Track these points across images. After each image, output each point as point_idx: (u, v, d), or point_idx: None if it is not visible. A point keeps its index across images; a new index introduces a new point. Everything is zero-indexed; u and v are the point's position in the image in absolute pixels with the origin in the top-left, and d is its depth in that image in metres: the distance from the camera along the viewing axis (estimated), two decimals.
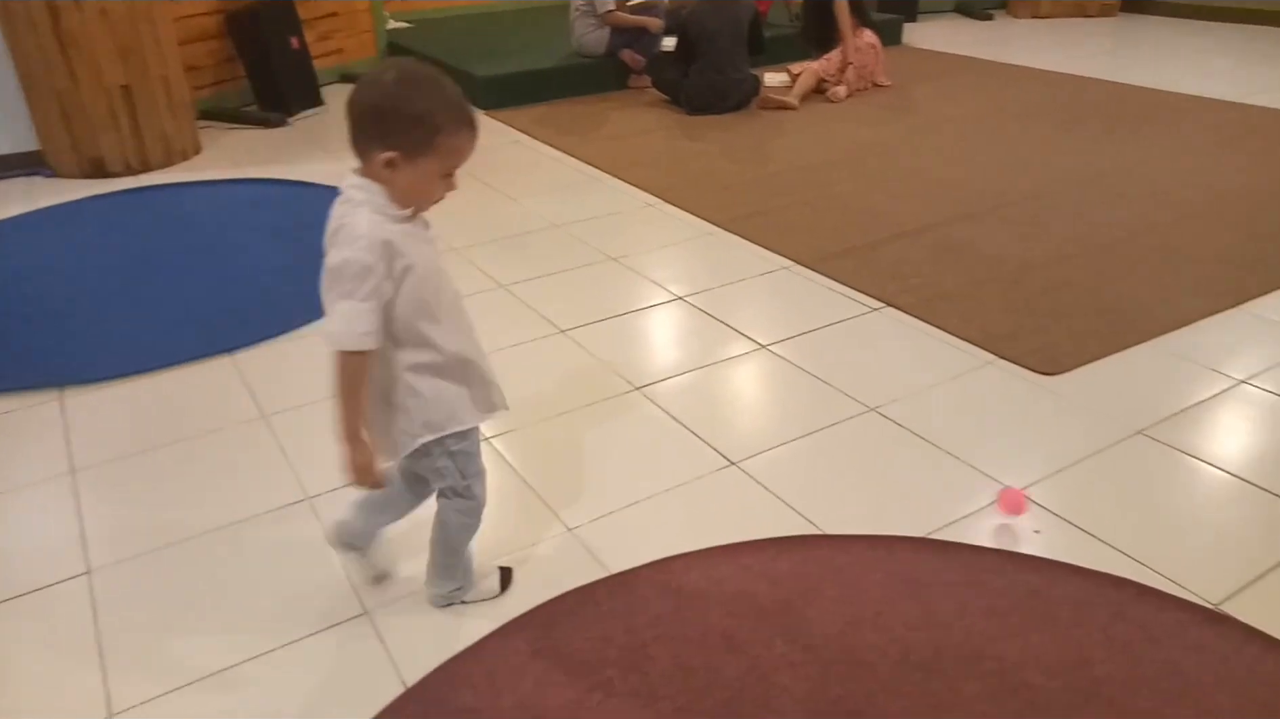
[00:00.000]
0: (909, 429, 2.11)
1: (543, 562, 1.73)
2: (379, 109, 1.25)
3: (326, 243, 1.30)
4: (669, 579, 1.65)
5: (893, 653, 1.46)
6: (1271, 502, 1.82)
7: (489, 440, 2.11)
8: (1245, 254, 2.91)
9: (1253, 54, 5.64)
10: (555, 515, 1.85)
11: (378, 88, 1.25)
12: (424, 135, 1.25)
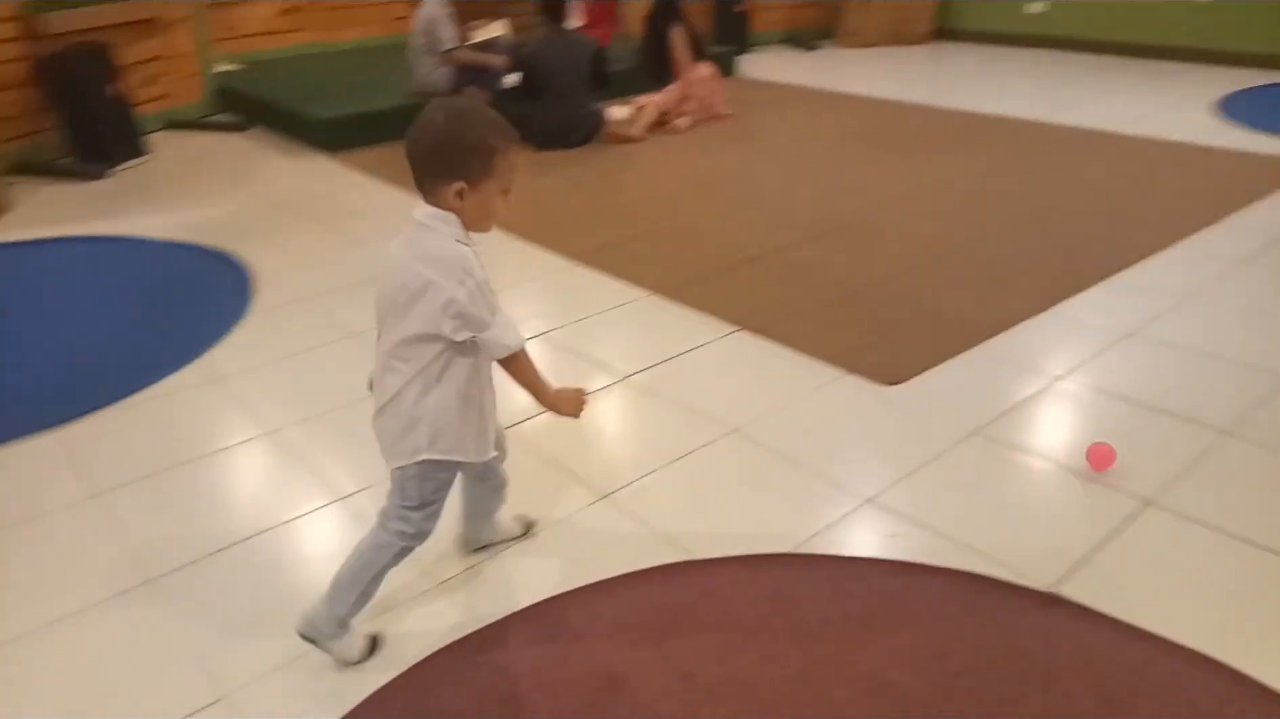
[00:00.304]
0: (769, 447, 2.19)
1: (414, 620, 1.69)
2: (440, 147, 1.39)
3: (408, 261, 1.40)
4: (546, 623, 1.64)
5: (769, 670, 1.51)
6: (1089, 487, 1.99)
7: (349, 498, 2.05)
8: (1053, 261, 3.19)
9: (1050, 77, 6.19)
10: (425, 572, 1.81)
11: (433, 129, 1.39)
12: (483, 160, 1.39)
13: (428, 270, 1.38)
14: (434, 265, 1.38)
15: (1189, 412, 2.25)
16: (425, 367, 1.44)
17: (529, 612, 1.67)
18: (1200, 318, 2.73)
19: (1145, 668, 1.48)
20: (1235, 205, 3.59)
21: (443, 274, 1.38)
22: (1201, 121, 4.89)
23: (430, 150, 1.39)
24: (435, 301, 1.38)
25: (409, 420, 1.47)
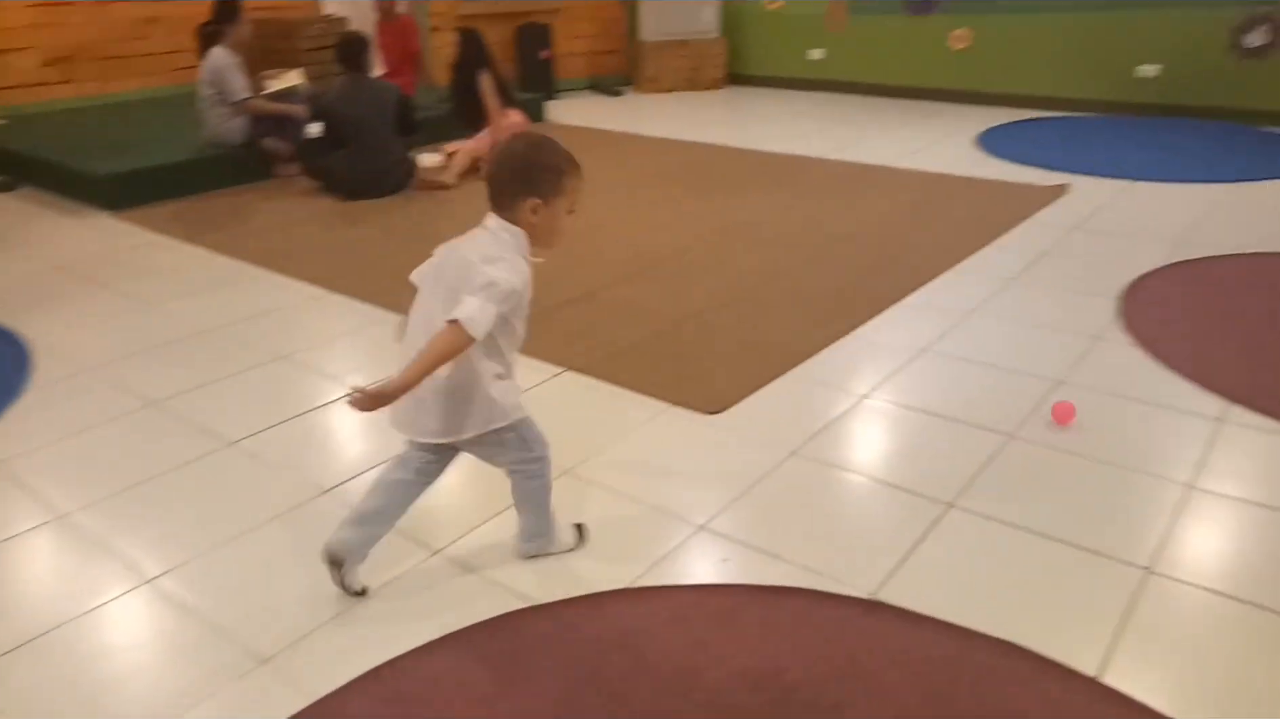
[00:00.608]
0: (601, 485, 2.21)
1: (241, 703, 1.58)
2: (520, 169, 1.67)
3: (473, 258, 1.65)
4: (384, 688, 1.58)
5: (613, 707, 1.51)
6: (895, 494, 2.15)
7: (155, 581, 1.90)
8: (850, 288, 3.42)
9: (833, 117, 6.68)
10: (249, 652, 1.70)
11: (515, 154, 1.69)
12: (555, 180, 1.68)
13: (488, 264, 1.64)
14: (495, 261, 1.65)
15: (977, 419, 2.46)
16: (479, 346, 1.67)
17: (366, 679, 1.60)
18: (980, 332, 3.01)
19: (960, 661, 1.60)
20: (1001, 229, 4.00)
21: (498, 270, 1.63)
22: (966, 155, 5.42)
23: (511, 172, 1.67)
24: (485, 279, 1.62)
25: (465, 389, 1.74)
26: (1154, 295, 3.22)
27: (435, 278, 1.72)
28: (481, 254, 1.67)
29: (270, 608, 1.81)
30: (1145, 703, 1.52)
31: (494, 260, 1.65)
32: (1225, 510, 2.05)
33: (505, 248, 1.68)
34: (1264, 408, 2.44)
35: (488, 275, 1.62)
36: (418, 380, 1.61)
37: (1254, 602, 1.76)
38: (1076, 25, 6.26)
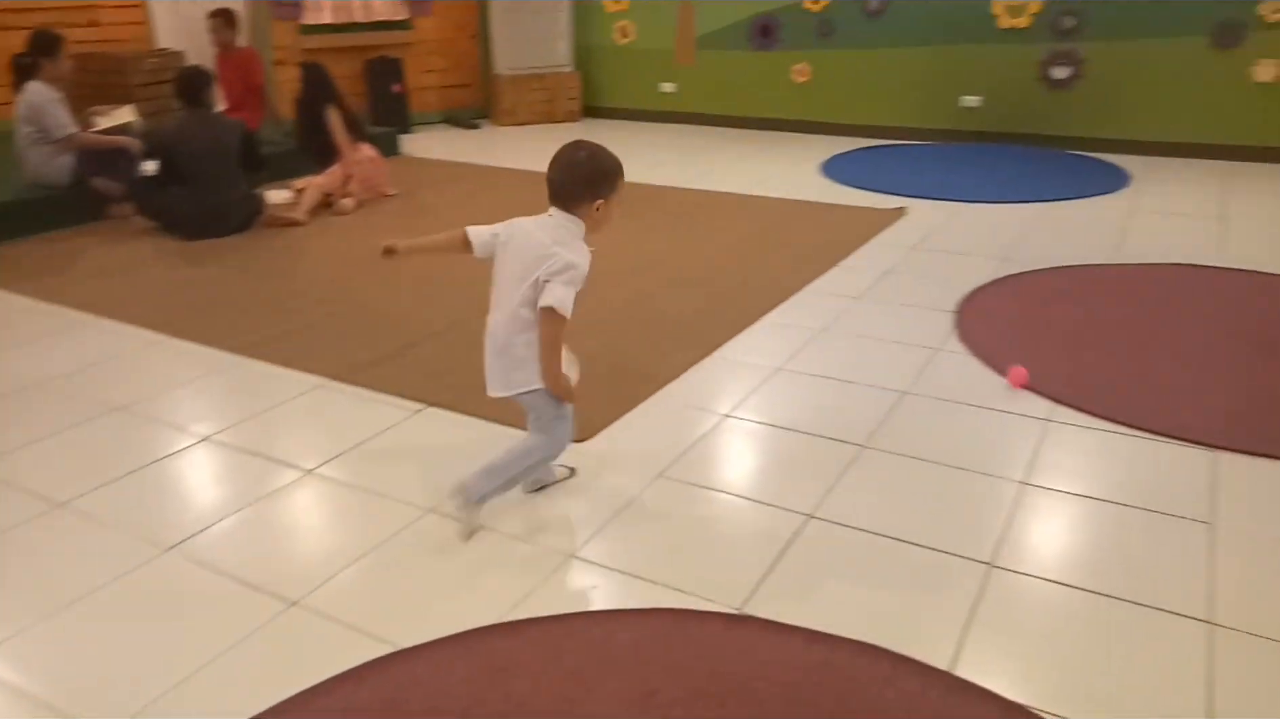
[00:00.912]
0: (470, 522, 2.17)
1: None
2: (588, 174, 2.00)
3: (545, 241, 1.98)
4: None
5: None
6: (759, 509, 2.21)
7: None
8: (710, 311, 3.52)
9: (688, 147, 6.87)
10: None
11: (579, 164, 2.02)
12: (614, 183, 2.03)
13: (562, 248, 1.97)
14: (568, 246, 1.98)
15: (832, 431, 2.57)
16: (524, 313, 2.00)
17: None
18: (831, 349, 3.15)
19: (825, 667, 1.66)
20: (847, 250, 4.21)
21: (571, 254, 1.97)
22: (812, 181, 5.68)
23: (578, 178, 2.00)
24: (561, 262, 1.95)
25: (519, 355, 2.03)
26: (984, 308, 3.45)
27: (508, 251, 2.07)
28: (552, 238, 1.99)
29: (111, 680, 1.69)
30: (994, 690, 1.61)
31: (564, 244, 1.98)
32: (1056, 504, 2.22)
33: (570, 234, 2.01)
34: (1084, 406, 2.65)
35: (565, 259, 1.96)
36: (555, 371, 2.03)
37: (1087, 588, 1.90)
38: (906, 60, 6.69)
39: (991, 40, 6.34)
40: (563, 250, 1.97)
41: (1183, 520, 2.12)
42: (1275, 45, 5.56)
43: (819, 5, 6.89)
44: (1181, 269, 3.85)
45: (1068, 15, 6.07)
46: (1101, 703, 1.60)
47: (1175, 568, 1.95)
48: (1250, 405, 2.63)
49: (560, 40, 7.82)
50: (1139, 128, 6.06)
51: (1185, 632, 1.76)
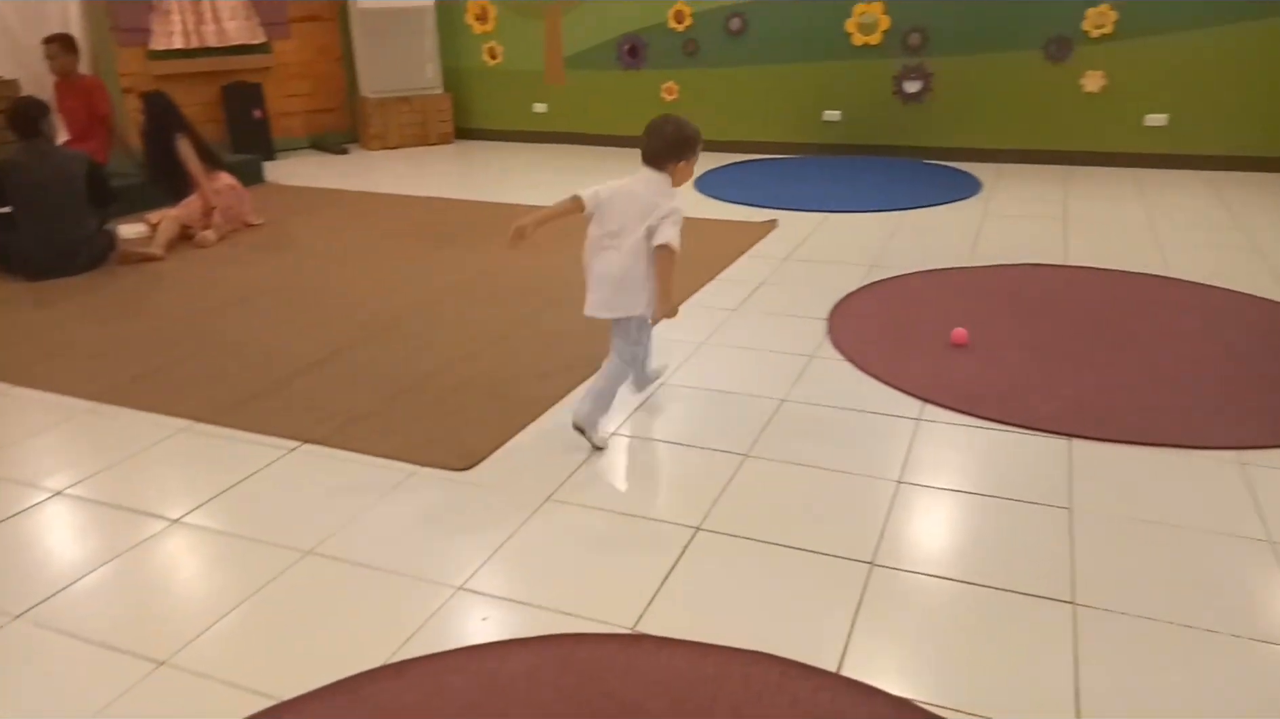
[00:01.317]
0: (349, 560, 2.10)
1: None
2: (676, 140, 2.51)
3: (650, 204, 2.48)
4: None
5: None
6: (648, 526, 2.22)
7: None
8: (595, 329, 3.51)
9: (563, 167, 6.88)
10: None
11: (667, 134, 2.52)
12: (694, 147, 2.54)
13: (665, 199, 2.49)
14: (668, 196, 2.51)
15: (715, 443, 2.61)
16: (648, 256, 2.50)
17: None
18: (711, 361, 3.20)
19: (717, 679, 1.67)
20: (724, 264, 4.30)
21: (673, 201, 2.50)
22: (686, 197, 5.77)
23: (667, 145, 2.51)
24: (667, 209, 2.47)
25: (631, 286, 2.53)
26: (855, 313, 3.59)
27: (608, 208, 2.58)
28: (654, 191, 2.52)
29: None
30: (881, 687, 1.66)
31: (664, 194, 2.51)
32: (930, 500, 2.31)
33: (664, 186, 2.53)
34: (950, 404, 2.78)
35: (670, 206, 2.49)
36: (670, 292, 2.52)
37: (962, 579, 1.99)
38: (770, 77, 6.91)
39: (848, 57, 6.62)
40: (664, 200, 2.50)
41: (1044, 507, 2.25)
42: (1099, 58, 6.02)
43: (683, 25, 7.04)
44: (1030, 268, 4.10)
45: (915, 32, 6.40)
46: (979, 688, 1.67)
47: (1040, 553, 2.07)
48: (1097, 394, 2.82)
49: (428, 62, 7.72)
50: (987, 137, 6.43)
51: (1052, 613, 1.87)
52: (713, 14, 6.93)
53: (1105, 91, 6.07)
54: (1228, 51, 5.73)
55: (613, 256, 2.56)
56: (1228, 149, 5.92)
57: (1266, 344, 3.17)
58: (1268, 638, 1.78)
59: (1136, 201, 5.29)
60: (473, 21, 7.76)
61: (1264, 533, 2.11)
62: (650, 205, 2.49)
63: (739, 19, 6.85)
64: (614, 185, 2.60)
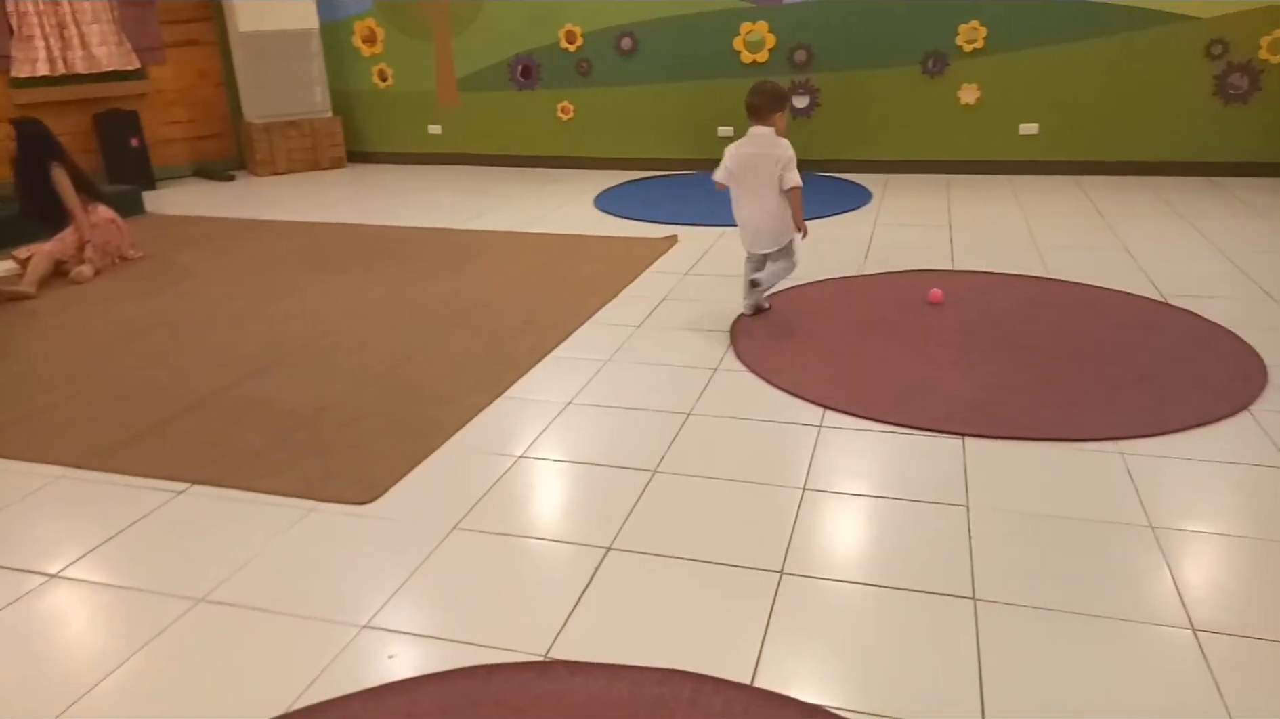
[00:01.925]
0: (245, 605, 2.01)
1: None
2: (775, 95, 3.41)
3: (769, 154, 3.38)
4: None
5: None
6: (559, 549, 2.20)
7: None
8: (496, 350, 3.48)
9: (462, 189, 6.80)
10: None
11: (767, 91, 3.43)
12: (785, 100, 3.44)
13: (778, 150, 3.35)
14: (779, 147, 3.35)
15: (624, 460, 2.61)
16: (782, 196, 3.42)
17: None
18: (617, 379, 3.20)
19: (631, 700, 1.66)
20: (626, 281, 4.31)
21: (785, 150, 3.35)
22: (587, 216, 5.79)
23: (770, 98, 3.39)
24: (784, 158, 3.34)
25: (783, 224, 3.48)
26: (757, 325, 3.65)
27: (743, 170, 3.46)
28: (768, 146, 3.39)
29: None
30: (793, 696, 1.68)
31: (777, 145, 3.39)
32: (835, 505, 2.36)
33: (773, 138, 3.39)
34: (850, 409, 2.85)
35: (785, 154, 3.37)
36: (801, 219, 3.47)
37: (868, 582, 2.03)
38: (663, 95, 7.00)
39: (738, 74, 6.76)
40: (778, 150, 3.39)
41: (942, 506, 2.32)
42: (973, 72, 6.31)
43: (574, 46, 7.08)
44: (920, 274, 4.25)
45: (800, 50, 6.59)
46: (888, 689, 1.70)
47: (941, 551, 2.13)
48: (987, 393, 2.94)
49: (316, 85, 7.54)
50: (874, 149, 6.66)
51: (954, 610, 1.92)
52: (603, 34, 6.98)
53: (980, 103, 6.36)
54: (1089, 63, 6.09)
55: (762, 206, 3.47)
56: (1093, 154, 6.28)
57: (1139, 338, 3.36)
58: (1156, 620, 1.87)
59: (1014, 206, 5.55)
60: (360, 44, 7.62)
61: (1145, 519, 2.22)
62: (771, 157, 3.38)
63: (629, 38, 6.92)
64: (734, 154, 3.45)
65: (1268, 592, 1.95)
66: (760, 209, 3.46)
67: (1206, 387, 2.92)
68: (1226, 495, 2.33)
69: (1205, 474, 2.43)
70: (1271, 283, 3.95)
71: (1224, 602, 1.91)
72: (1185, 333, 3.41)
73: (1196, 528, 2.18)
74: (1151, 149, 6.17)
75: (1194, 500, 2.31)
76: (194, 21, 7.44)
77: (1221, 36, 5.84)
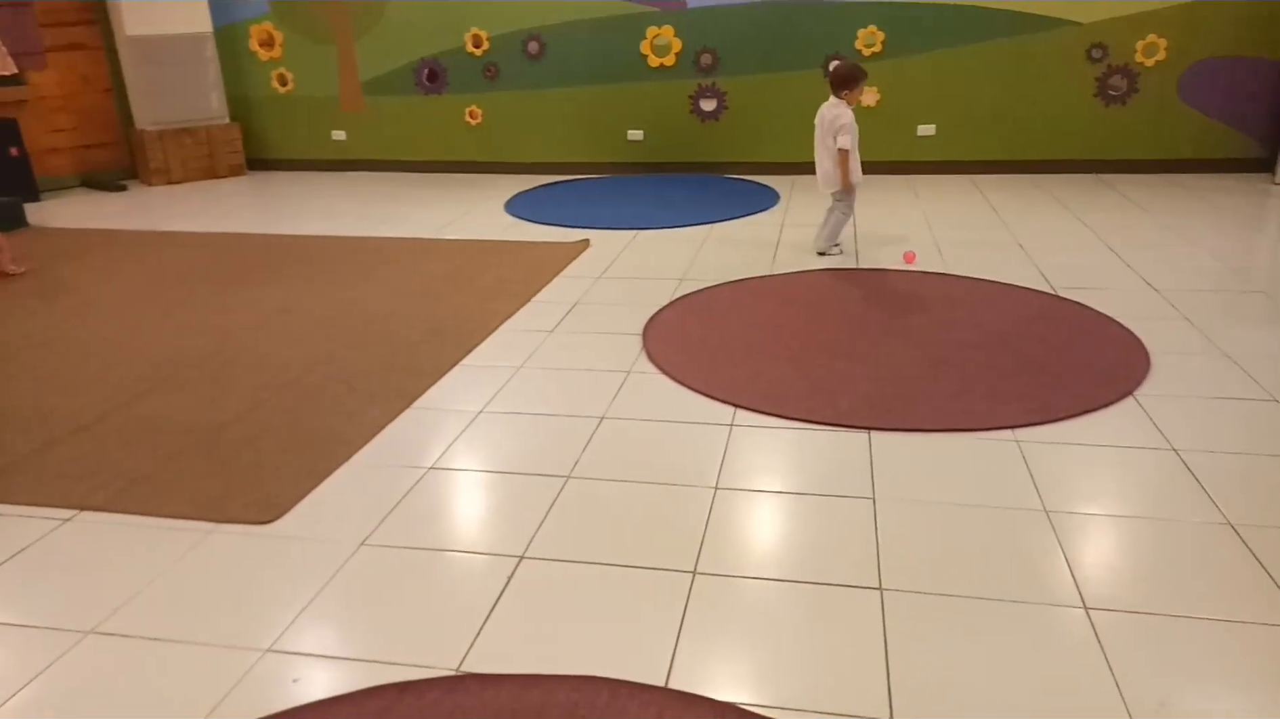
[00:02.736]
0: (140, 635, 1.92)
1: None
2: (844, 76, 4.40)
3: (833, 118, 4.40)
4: None
5: None
6: (471, 560, 2.16)
7: None
8: (404, 361, 3.41)
9: (368, 196, 6.65)
10: None
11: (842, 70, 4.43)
12: (858, 80, 4.42)
13: (844, 115, 4.34)
14: (840, 116, 4.35)
15: (537, 467, 2.58)
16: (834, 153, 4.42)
17: None
18: (529, 385, 3.18)
19: (544, 710, 1.64)
20: (538, 286, 4.28)
21: (842, 118, 4.34)
22: (497, 221, 5.74)
23: (840, 78, 4.38)
24: (839, 124, 4.34)
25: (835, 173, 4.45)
26: (668, 327, 3.67)
27: (819, 126, 4.44)
28: (834, 112, 4.37)
29: None
30: (707, 695, 1.69)
31: (840, 113, 4.34)
32: (747, 503, 2.38)
33: (841, 107, 4.36)
34: (759, 407, 2.89)
35: (844, 121, 4.30)
36: (847, 177, 4.40)
37: (780, 578, 2.06)
38: (573, 99, 6.98)
39: (646, 78, 6.80)
40: (839, 117, 4.34)
41: (850, 499, 2.37)
42: (873, 75, 6.43)
43: (480, 50, 7.00)
44: (826, 273, 4.34)
45: (706, 54, 6.66)
46: (799, 683, 1.73)
47: (849, 544, 2.17)
48: (891, 386, 3.02)
49: (212, 91, 7.27)
50: (780, 151, 6.77)
51: (862, 601, 1.96)
52: (510, 38, 6.93)
53: (881, 105, 6.54)
54: (982, 67, 6.33)
55: (822, 154, 4.47)
56: (987, 155, 6.52)
57: (1031, 329, 3.50)
58: (1051, 601, 1.94)
59: (914, 205, 5.72)
60: (258, 48, 7.38)
61: (1040, 504, 2.31)
62: (833, 120, 4.37)
63: (536, 42, 6.88)
64: (820, 113, 4.43)
65: (1152, 568, 2.05)
66: (822, 157, 4.50)
67: (1095, 374, 3.06)
68: (1114, 478, 2.44)
69: (1094, 458, 2.54)
70: (1153, 274, 4.17)
71: (1112, 579, 2.01)
72: (1074, 323, 3.57)
73: (1087, 510, 2.28)
74: (1041, 148, 6.44)
75: (1084, 484, 2.41)
76: (77, 24, 7.09)
77: (1101, 41, 6.13)
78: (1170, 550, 2.11)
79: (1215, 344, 3.32)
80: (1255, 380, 3.00)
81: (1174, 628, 1.84)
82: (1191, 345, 3.32)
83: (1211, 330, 3.45)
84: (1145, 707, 1.64)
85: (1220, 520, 2.22)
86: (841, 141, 4.32)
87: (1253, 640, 1.80)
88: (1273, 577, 1.99)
